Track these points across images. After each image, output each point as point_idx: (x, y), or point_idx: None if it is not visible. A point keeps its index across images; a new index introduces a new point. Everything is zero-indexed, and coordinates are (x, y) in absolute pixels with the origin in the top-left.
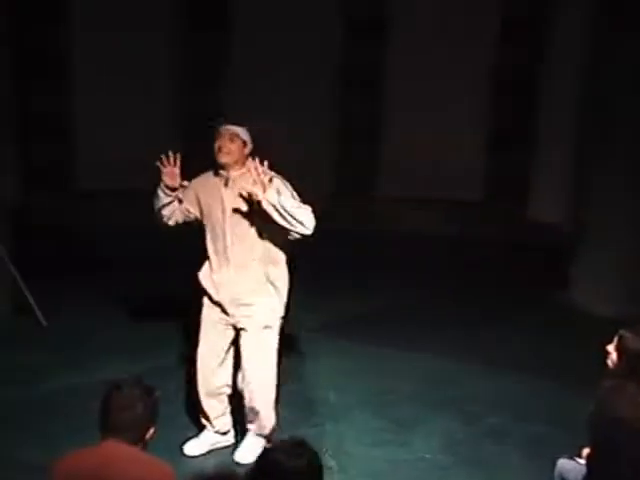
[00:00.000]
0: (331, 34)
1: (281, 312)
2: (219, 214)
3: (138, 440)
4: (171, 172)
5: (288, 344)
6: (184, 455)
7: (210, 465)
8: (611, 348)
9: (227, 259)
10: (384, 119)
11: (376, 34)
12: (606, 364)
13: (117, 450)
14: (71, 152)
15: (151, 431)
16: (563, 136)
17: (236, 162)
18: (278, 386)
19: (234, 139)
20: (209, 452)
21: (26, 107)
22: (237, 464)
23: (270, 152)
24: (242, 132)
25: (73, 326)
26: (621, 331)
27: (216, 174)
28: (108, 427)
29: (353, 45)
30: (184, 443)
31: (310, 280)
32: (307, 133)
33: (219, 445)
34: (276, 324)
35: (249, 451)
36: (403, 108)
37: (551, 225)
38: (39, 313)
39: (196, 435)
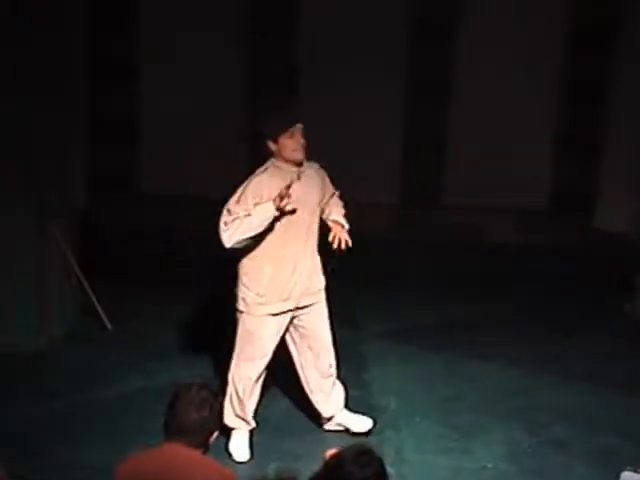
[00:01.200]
0: (398, 35)
1: None
2: (298, 210)
3: (201, 444)
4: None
5: (353, 350)
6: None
7: (271, 469)
8: None
9: (303, 253)
10: (449, 123)
11: (443, 36)
12: None
13: (179, 453)
14: (136, 154)
15: (214, 435)
16: (632, 143)
17: None
18: None
19: (303, 134)
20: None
21: (93, 108)
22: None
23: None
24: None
25: (137, 329)
26: None
27: (277, 171)
28: (173, 429)
29: (419, 46)
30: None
31: (380, 287)
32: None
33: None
34: None
35: (360, 419)
36: (468, 112)
37: (621, 234)
38: (104, 316)
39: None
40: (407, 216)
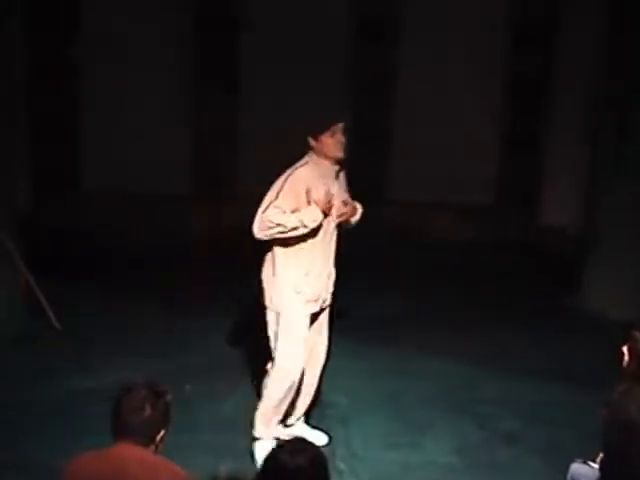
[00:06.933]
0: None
1: None
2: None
3: (149, 442)
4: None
5: None
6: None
7: (221, 470)
8: (625, 349)
9: (328, 251)
10: (392, 122)
11: (385, 35)
12: (621, 367)
13: (129, 452)
14: (77, 153)
15: (161, 433)
16: (574, 138)
17: None
18: None
19: (344, 133)
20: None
21: (32, 108)
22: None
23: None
24: None
25: (85, 328)
26: (633, 332)
27: (316, 168)
28: (118, 429)
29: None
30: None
31: None
32: None
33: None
34: None
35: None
36: (412, 110)
37: (562, 229)
38: (53, 316)
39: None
40: None
